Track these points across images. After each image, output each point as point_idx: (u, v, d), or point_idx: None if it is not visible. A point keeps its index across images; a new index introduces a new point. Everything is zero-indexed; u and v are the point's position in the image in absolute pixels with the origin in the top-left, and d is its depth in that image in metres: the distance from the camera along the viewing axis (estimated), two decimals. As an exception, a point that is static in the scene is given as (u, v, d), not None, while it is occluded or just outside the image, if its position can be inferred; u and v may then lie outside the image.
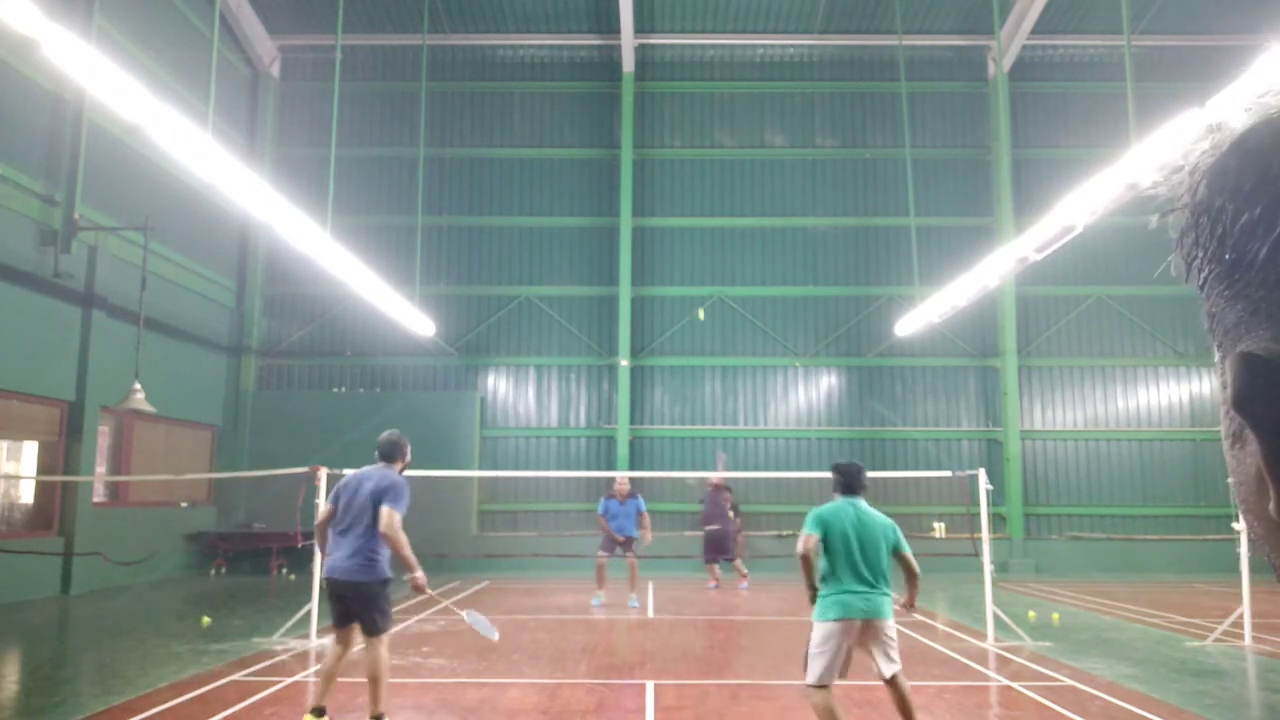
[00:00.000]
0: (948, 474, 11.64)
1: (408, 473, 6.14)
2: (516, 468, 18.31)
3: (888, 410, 18.69)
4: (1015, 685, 7.32)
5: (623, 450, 18.05)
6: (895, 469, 17.94)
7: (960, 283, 14.42)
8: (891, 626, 5.00)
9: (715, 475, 15.63)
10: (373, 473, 5.89)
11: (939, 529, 17.90)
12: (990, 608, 9.37)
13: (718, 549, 15.04)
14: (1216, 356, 0.51)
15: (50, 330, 12.97)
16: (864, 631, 4.94)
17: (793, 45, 19.75)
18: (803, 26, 19.41)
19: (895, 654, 5.04)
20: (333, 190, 14.23)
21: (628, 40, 18.96)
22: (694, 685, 7.37)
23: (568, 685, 7.36)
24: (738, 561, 15.00)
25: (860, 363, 18.82)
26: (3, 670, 8.40)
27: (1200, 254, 0.52)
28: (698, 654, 8.90)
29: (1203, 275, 0.52)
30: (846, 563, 4.97)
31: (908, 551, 5.17)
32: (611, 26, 19.07)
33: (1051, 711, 6.45)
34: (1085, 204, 10.42)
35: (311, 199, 15.87)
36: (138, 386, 12.87)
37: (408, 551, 5.76)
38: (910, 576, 5.26)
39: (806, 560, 4.98)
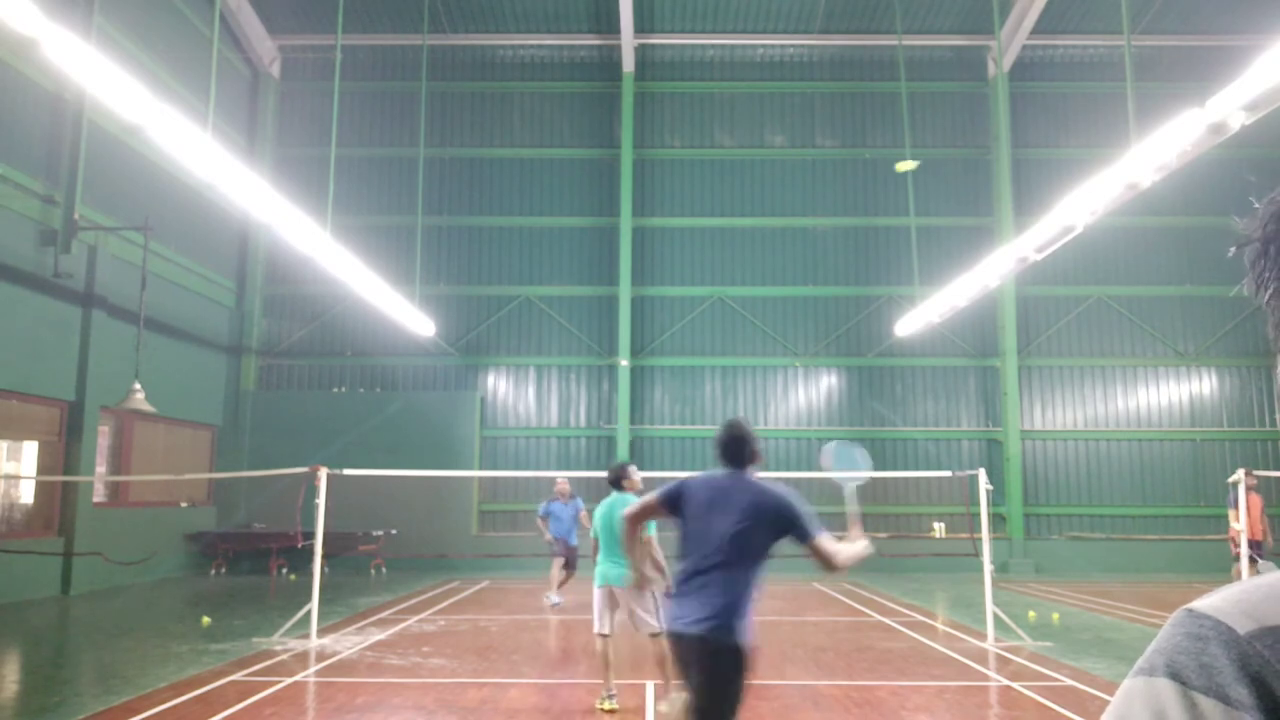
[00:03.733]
0: (948, 474, 11.65)
1: (409, 473, 6.19)
2: (516, 468, 18.30)
3: (888, 410, 18.69)
4: (1015, 685, 7.32)
5: (623, 450, 18.04)
6: (895, 469, 17.94)
7: (960, 283, 14.42)
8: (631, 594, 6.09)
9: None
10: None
11: (939, 529, 17.91)
12: (990, 608, 9.37)
13: None
14: None
15: (50, 330, 12.97)
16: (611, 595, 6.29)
17: (793, 45, 19.75)
18: (803, 26, 19.41)
19: (650, 617, 6.21)
20: (333, 190, 14.23)
21: (628, 40, 18.96)
22: (694, 685, 7.36)
23: (568, 685, 7.36)
24: None
25: (860, 363, 18.82)
26: (3, 670, 8.40)
27: (1268, 275, 0.68)
28: (698, 654, 8.88)
29: (1268, 292, 0.68)
30: (605, 541, 6.38)
31: (650, 534, 6.27)
32: (611, 26, 19.07)
33: (1051, 711, 6.45)
34: (1085, 204, 10.42)
35: (311, 199, 15.87)
36: (138, 386, 12.87)
37: None
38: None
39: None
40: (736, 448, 4.27)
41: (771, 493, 4.09)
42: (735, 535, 3.87)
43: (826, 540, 3.98)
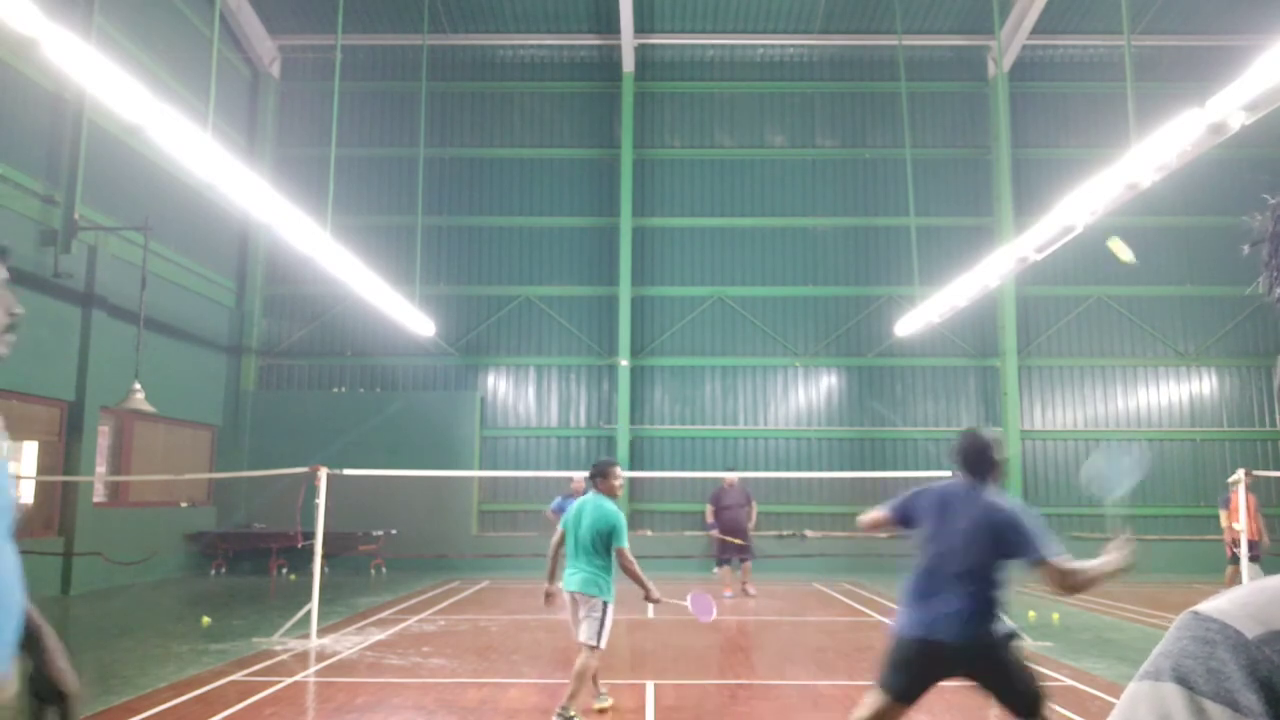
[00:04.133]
0: (948, 474, 11.61)
1: (409, 473, 6.18)
2: (516, 468, 18.31)
3: (888, 410, 18.69)
4: (1015, 685, 7.31)
5: (623, 450, 18.04)
6: (895, 469, 17.94)
7: (960, 283, 14.41)
8: (589, 602, 5.93)
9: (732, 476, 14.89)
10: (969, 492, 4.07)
11: (939, 529, 17.89)
12: (990, 608, 9.35)
13: (735, 535, 13.87)
14: None
15: (50, 330, 12.97)
16: (573, 601, 6.05)
17: (793, 45, 19.75)
18: (803, 26, 19.41)
19: (588, 627, 5.93)
20: (333, 190, 14.24)
21: (628, 40, 18.96)
22: (694, 685, 7.37)
23: (568, 685, 7.35)
24: (747, 564, 14.14)
25: (860, 363, 18.82)
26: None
27: (1278, 273, 0.69)
28: (698, 654, 8.90)
29: (1278, 291, 0.70)
30: (570, 547, 6.16)
31: (620, 544, 6.05)
32: (611, 26, 19.07)
33: (1051, 711, 6.45)
34: (1085, 204, 10.42)
35: (311, 199, 15.86)
36: (138, 386, 12.87)
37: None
38: (624, 571, 6.11)
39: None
40: (977, 459, 4.17)
41: (1003, 510, 3.90)
42: (965, 550, 3.83)
43: (1063, 560, 3.72)
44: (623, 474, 6.59)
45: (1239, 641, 0.59)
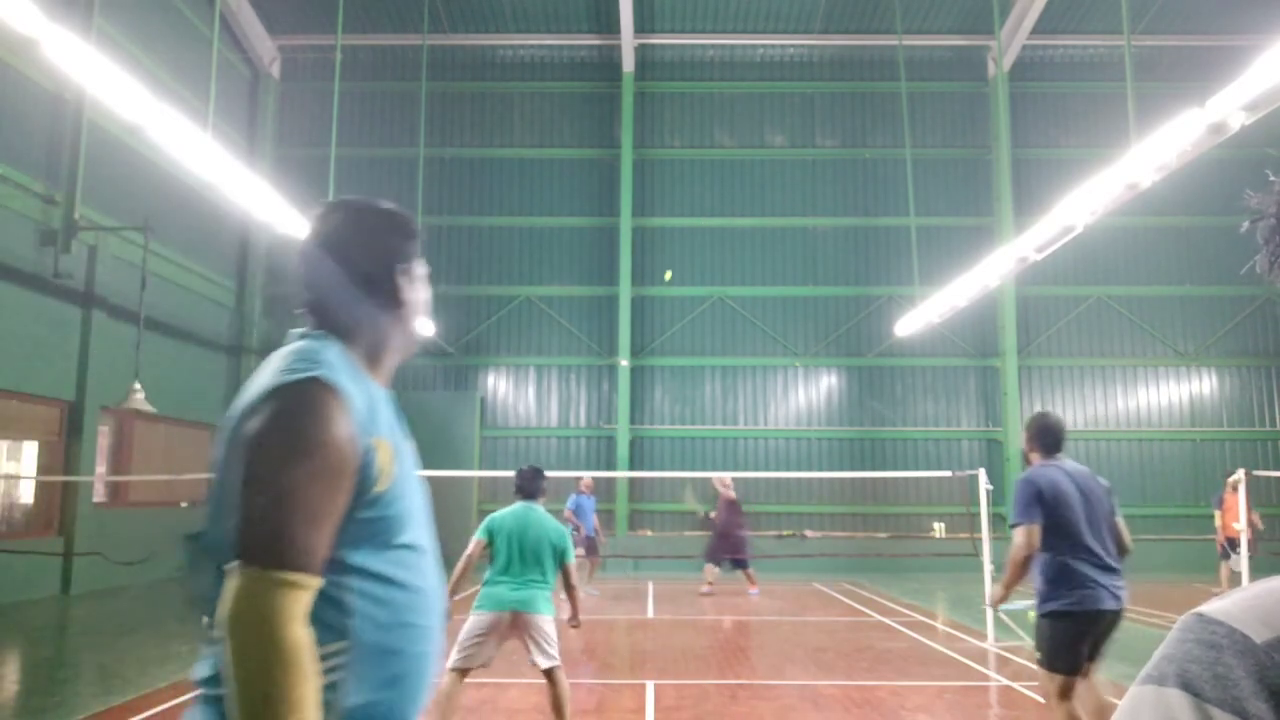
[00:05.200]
0: (948, 474, 11.64)
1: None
2: (516, 468, 18.26)
3: (888, 410, 18.69)
4: (1015, 685, 7.32)
5: (623, 450, 18.05)
6: (895, 469, 17.95)
7: (960, 283, 14.41)
8: (546, 622, 5.24)
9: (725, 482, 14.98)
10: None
11: (939, 529, 17.92)
12: (990, 608, 9.37)
13: (733, 549, 13.93)
14: None
15: (50, 330, 12.97)
16: (513, 623, 5.25)
17: (793, 45, 19.75)
18: (803, 26, 19.41)
19: (551, 650, 5.25)
20: (333, 190, 14.25)
21: (628, 40, 18.96)
22: (694, 685, 7.37)
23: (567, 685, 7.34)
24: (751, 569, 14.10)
25: (860, 363, 18.83)
26: (3, 670, 8.40)
27: None
28: (698, 654, 8.90)
29: None
30: (506, 560, 5.31)
31: (569, 561, 5.41)
32: (611, 26, 19.07)
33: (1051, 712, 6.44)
34: (1085, 204, 10.42)
35: (311, 199, 15.85)
36: (138, 386, 12.87)
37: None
38: (568, 589, 5.49)
39: (469, 561, 5.39)
40: (1062, 435, 4.74)
41: (1102, 481, 4.62)
42: (1108, 521, 4.46)
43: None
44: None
45: (1246, 646, 0.57)
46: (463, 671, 5.21)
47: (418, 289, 1.62)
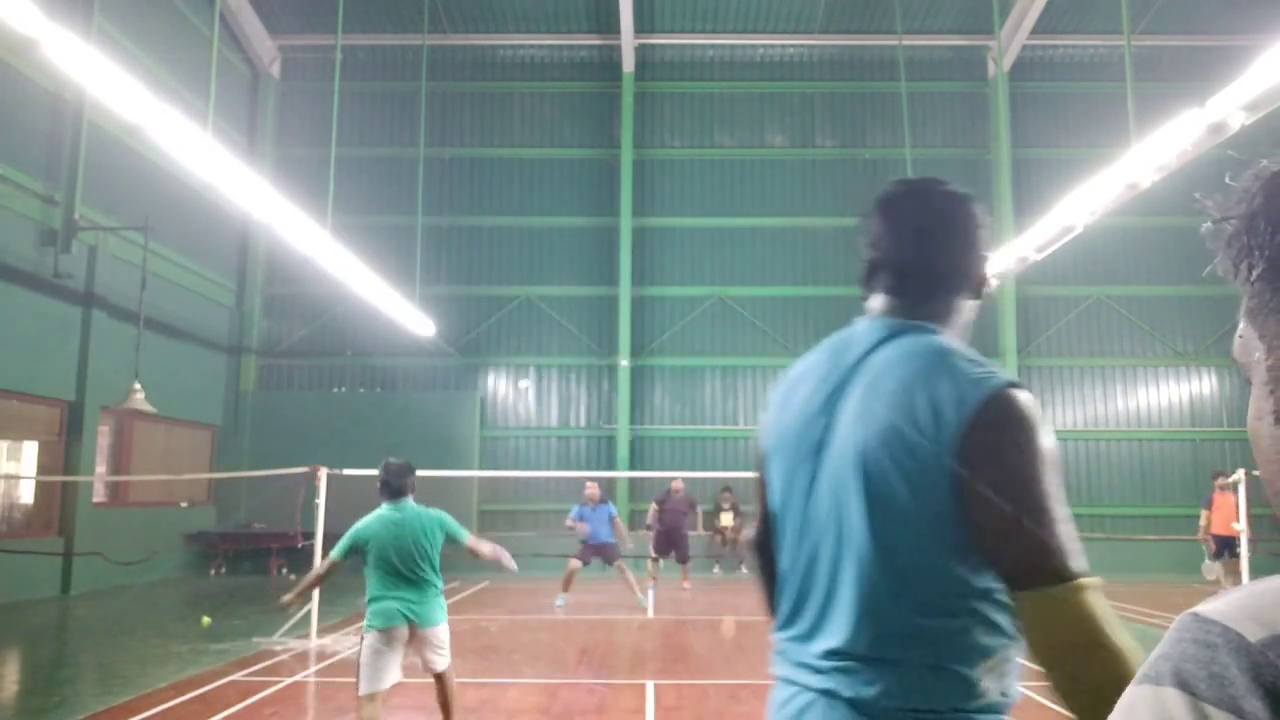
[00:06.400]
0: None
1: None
2: (516, 468, 18.30)
3: (888, 410, 18.67)
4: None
5: (623, 450, 18.05)
6: (895, 469, 17.92)
7: (960, 283, 14.38)
8: (442, 630, 5.09)
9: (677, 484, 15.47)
10: None
11: (939, 529, 17.91)
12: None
13: (677, 545, 14.71)
14: (1259, 351, 0.62)
15: (50, 330, 12.97)
16: (410, 636, 4.99)
17: (793, 45, 19.75)
18: (803, 26, 19.41)
19: (445, 652, 5.14)
20: (333, 190, 14.23)
21: (628, 40, 18.96)
22: (694, 685, 7.37)
23: (568, 685, 7.36)
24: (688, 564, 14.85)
25: (860, 363, 18.80)
26: (3, 670, 8.40)
27: (1257, 253, 0.63)
28: (698, 654, 8.90)
29: (1255, 272, 0.64)
30: (387, 570, 4.95)
31: (464, 540, 5.23)
32: (611, 26, 19.07)
33: (1051, 711, 6.45)
34: (1085, 204, 10.43)
35: (311, 199, 15.85)
36: (138, 386, 12.87)
37: None
38: (482, 554, 5.35)
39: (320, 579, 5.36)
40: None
41: None
42: None
43: None
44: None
45: (1241, 645, 0.57)
46: (377, 695, 4.94)
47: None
